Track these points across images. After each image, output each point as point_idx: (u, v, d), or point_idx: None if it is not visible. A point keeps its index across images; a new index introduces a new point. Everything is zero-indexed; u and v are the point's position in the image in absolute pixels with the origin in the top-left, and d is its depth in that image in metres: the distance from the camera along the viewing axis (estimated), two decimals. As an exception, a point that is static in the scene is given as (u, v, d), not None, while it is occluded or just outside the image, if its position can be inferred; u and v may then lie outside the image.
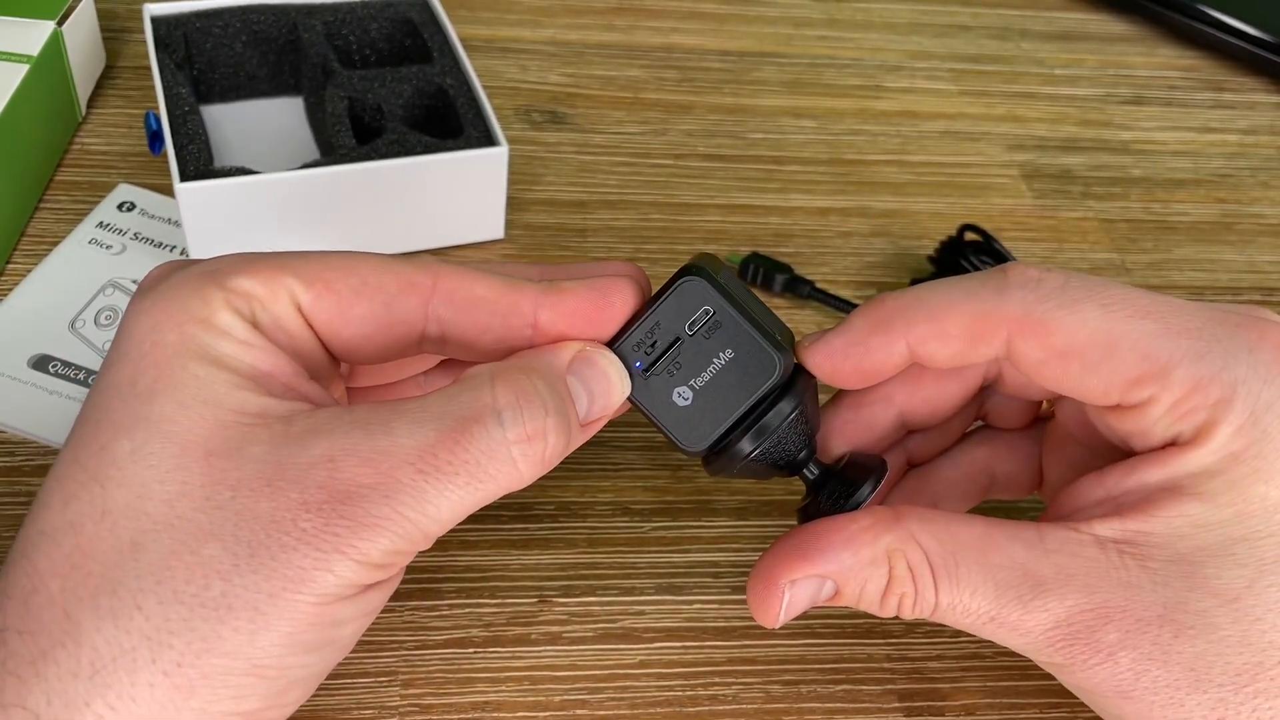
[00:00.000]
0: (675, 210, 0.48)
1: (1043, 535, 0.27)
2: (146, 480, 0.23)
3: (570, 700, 0.32)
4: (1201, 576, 0.26)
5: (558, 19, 0.58)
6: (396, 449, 0.23)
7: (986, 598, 0.26)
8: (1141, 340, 0.26)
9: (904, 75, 0.58)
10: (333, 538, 0.23)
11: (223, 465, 0.23)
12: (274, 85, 0.49)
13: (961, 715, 0.32)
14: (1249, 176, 0.55)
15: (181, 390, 0.24)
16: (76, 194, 0.44)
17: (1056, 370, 0.27)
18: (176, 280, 0.26)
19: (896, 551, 0.27)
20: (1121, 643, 0.26)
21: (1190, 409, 0.26)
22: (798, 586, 0.27)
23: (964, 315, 0.27)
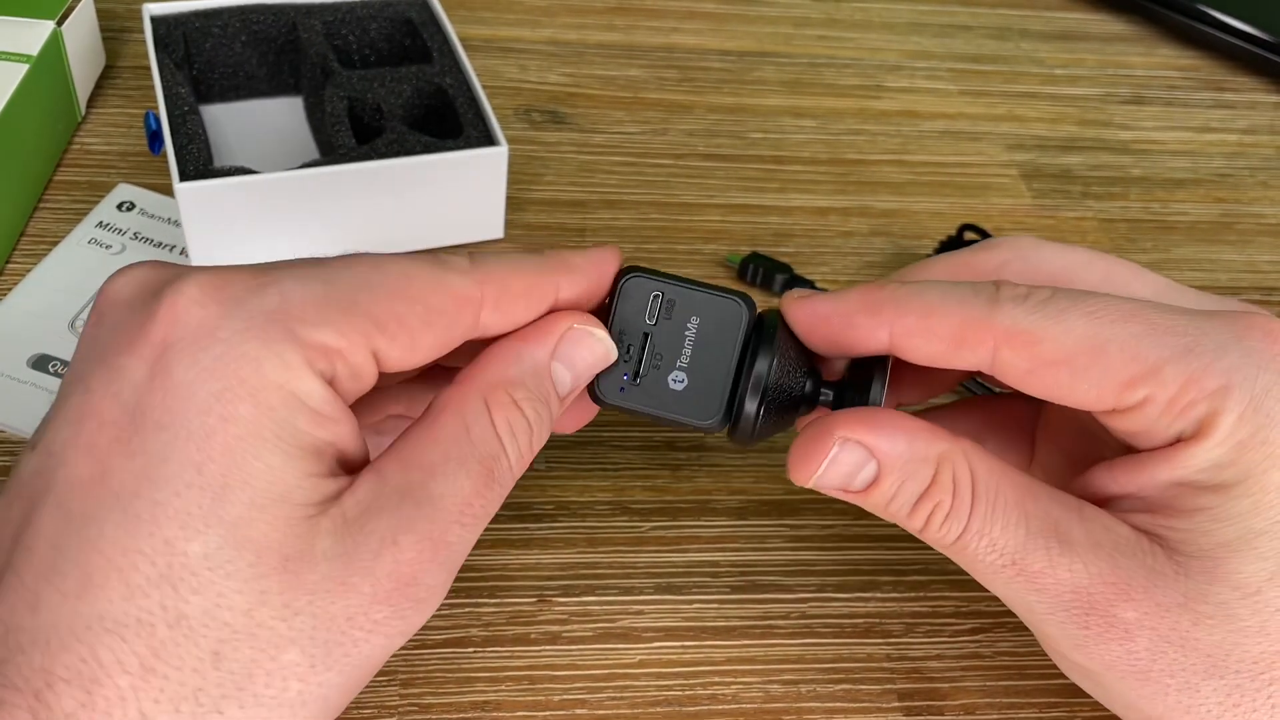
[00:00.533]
0: (675, 210, 0.48)
1: (1082, 506, 0.27)
2: (224, 590, 0.23)
3: (569, 700, 0.32)
4: (1223, 571, 0.26)
5: (557, 19, 0.58)
6: (442, 513, 0.25)
7: (1016, 537, 0.26)
8: (1129, 342, 0.26)
9: (904, 75, 0.58)
10: (399, 620, 0.24)
11: (297, 569, 0.23)
12: (273, 85, 0.49)
13: (961, 715, 0.32)
14: (1248, 176, 0.55)
15: (254, 487, 0.23)
16: (76, 194, 0.44)
17: (1046, 379, 0.27)
18: (244, 329, 0.23)
19: (946, 460, 0.27)
20: (1140, 622, 0.26)
21: (1188, 403, 0.26)
22: (847, 448, 0.27)
23: (953, 319, 0.27)
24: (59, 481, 0.23)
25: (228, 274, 0.25)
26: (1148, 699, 0.26)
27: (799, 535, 0.36)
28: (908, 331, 0.27)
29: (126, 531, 0.22)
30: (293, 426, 0.23)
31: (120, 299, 0.25)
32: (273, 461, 0.23)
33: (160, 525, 0.22)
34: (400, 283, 0.25)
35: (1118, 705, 0.28)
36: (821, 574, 0.35)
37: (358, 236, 0.42)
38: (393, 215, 0.42)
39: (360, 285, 0.25)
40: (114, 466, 0.23)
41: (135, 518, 0.22)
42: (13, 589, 0.22)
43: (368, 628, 0.24)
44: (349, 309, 0.24)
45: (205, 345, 0.23)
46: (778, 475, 0.38)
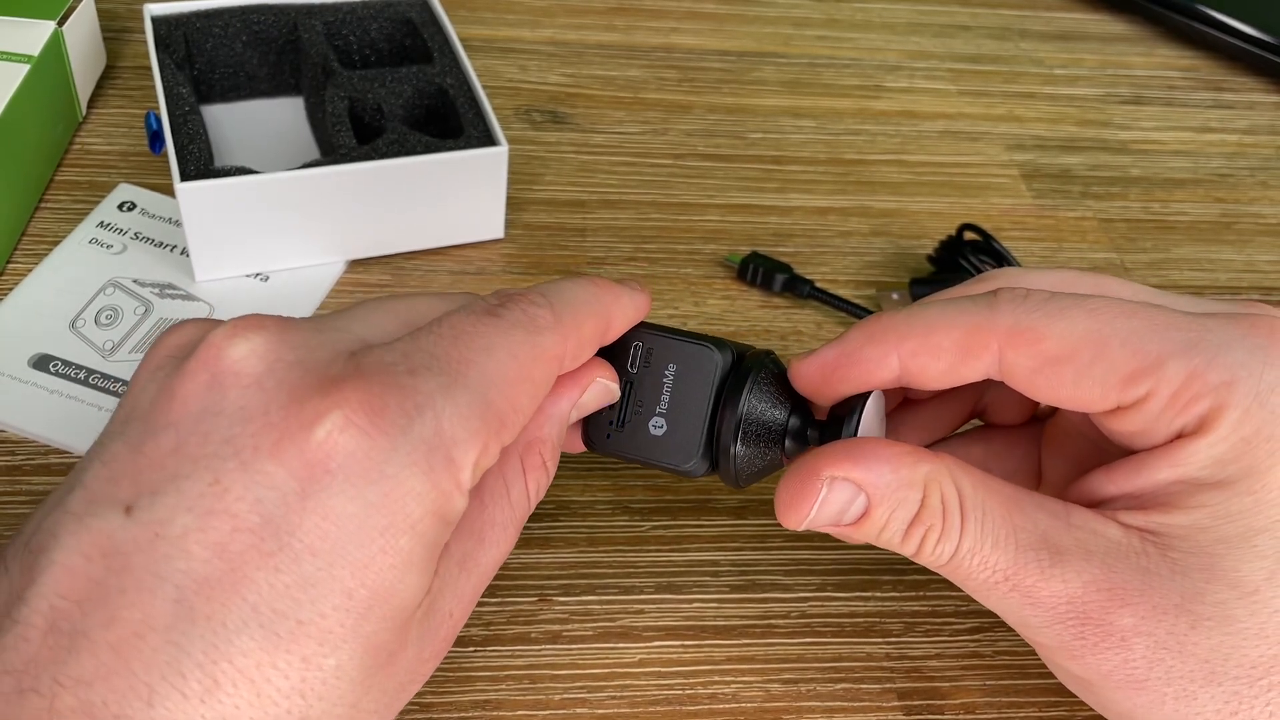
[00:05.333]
0: (675, 210, 0.48)
1: (1069, 511, 0.27)
2: (344, 691, 0.23)
3: (570, 699, 0.32)
4: (1221, 569, 0.25)
5: (557, 19, 0.58)
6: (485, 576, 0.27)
7: (1007, 553, 0.26)
8: (1131, 337, 0.26)
9: (903, 75, 0.58)
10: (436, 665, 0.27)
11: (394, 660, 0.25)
12: (274, 85, 0.49)
13: (961, 714, 0.33)
14: (1248, 176, 0.55)
15: (392, 604, 0.24)
16: (77, 193, 0.44)
17: (1050, 379, 0.27)
18: (409, 464, 0.23)
19: (933, 482, 0.26)
20: (1136, 629, 0.25)
21: (1191, 398, 0.26)
22: (835, 486, 0.27)
23: (956, 330, 0.27)
24: (176, 573, 0.22)
25: (385, 390, 0.24)
26: (1144, 709, 0.26)
27: (799, 534, 0.36)
28: (913, 352, 0.27)
29: (262, 647, 0.22)
30: (437, 548, 0.25)
31: (247, 374, 0.24)
32: (412, 581, 0.24)
33: (299, 643, 0.22)
34: (510, 365, 0.26)
35: (1115, 715, 0.28)
36: (821, 573, 0.35)
37: (358, 236, 0.43)
38: (393, 215, 0.42)
39: (487, 381, 0.25)
40: (251, 577, 0.22)
41: (274, 635, 0.22)
42: (116, 674, 0.21)
43: (419, 681, 0.26)
44: (485, 413, 0.25)
45: (372, 480, 0.23)
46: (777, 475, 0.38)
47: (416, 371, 0.24)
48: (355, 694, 0.24)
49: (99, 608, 0.21)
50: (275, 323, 0.25)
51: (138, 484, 0.23)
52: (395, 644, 0.24)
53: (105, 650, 0.21)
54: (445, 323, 0.26)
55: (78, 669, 0.21)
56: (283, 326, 0.25)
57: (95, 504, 0.23)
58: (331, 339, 0.25)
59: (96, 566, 0.22)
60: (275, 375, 0.24)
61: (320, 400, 0.23)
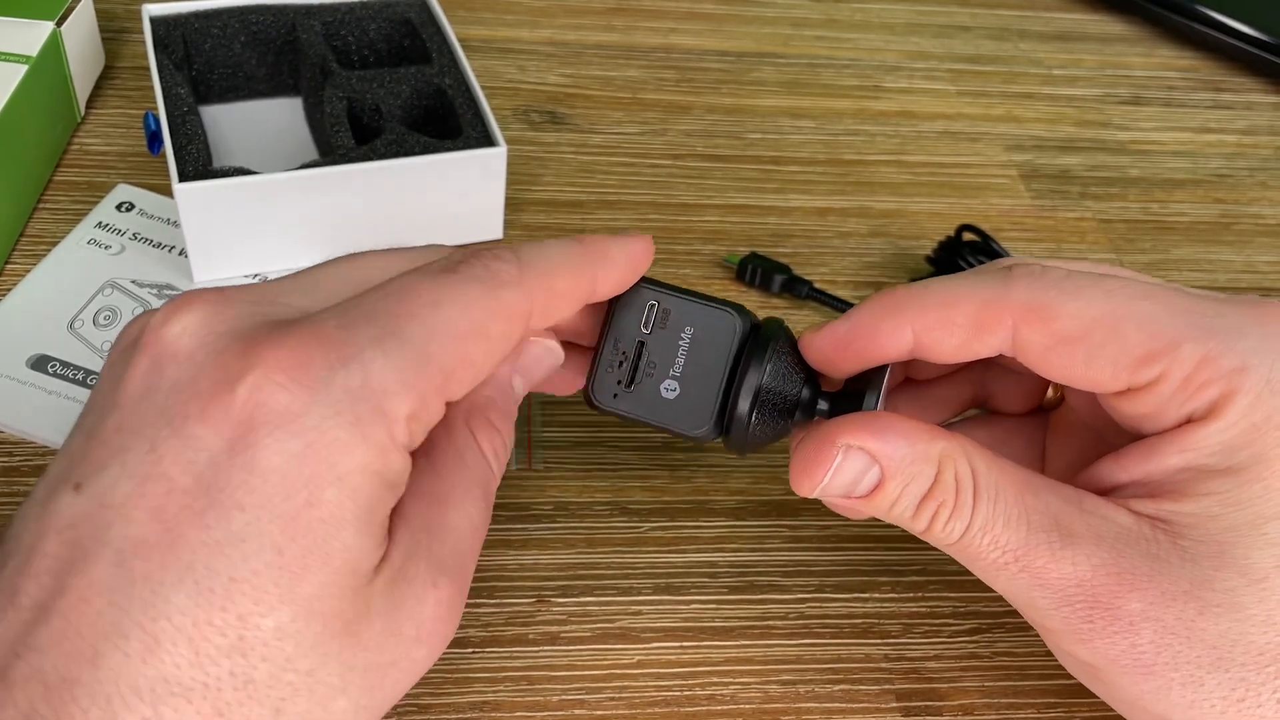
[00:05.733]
0: (674, 210, 0.48)
1: (1081, 496, 0.27)
2: (290, 655, 0.23)
3: (568, 700, 0.32)
4: (1231, 556, 0.25)
5: (556, 19, 0.58)
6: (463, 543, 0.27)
7: (1018, 533, 0.26)
8: (1147, 320, 0.26)
9: (902, 75, 0.58)
10: (429, 652, 0.26)
11: (357, 630, 0.24)
12: (273, 86, 0.49)
13: (959, 715, 0.33)
14: (1247, 177, 0.55)
15: (331, 566, 0.23)
16: (75, 194, 0.44)
17: (1063, 357, 0.27)
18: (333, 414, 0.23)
19: (948, 459, 0.27)
20: (1144, 614, 0.25)
21: (1203, 382, 0.26)
22: (850, 455, 0.27)
23: (971, 303, 0.27)
24: (117, 538, 0.22)
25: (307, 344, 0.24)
26: (1151, 694, 0.26)
27: (797, 536, 0.36)
28: (929, 326, 0.28)
29: (197, 603, 0.22)
30: (371, 505, 0.24)
31: (181, 351, 0.24)
32: (349, 540, 0.24)
33: (234, 600, 0.22)
34: (461, 319, 0.25)
35: (1121, 702, 0.28)
36: (820, 574, 0.35)
37: (357, 237, 0.43)
38: (392, 216, 0.42)
39: (428, 333, 0.25)
40: (185, 536, 0.22)
41: (208, 591, 0.22)
42: (65, 638, 0.22)
43: (406, 667, 0.25)
44: (423, 366, 0.24)
45: (295, 432, 0.23)
46: (776, 476, 0.38)
47: (349, 326, 0.24)
48: (308, 661, 0.23)
49: (55, 580, 0.22)
50: (210, 297, 0.25)
51: (86, 463, 0.24)
52: (350, 612, 0.24)
53: (57, 618, 0.22)
54: (395, 281, 0.26)
55: (34, 639, 0.22)
56: (218, 300, 0.25)
57: (53, 488, 0.24)
58: (265, 310, 0.25)
59: (53, 543, 0.23)
60: (205, 347, 0.24)
61: (241, 361, 0.23)
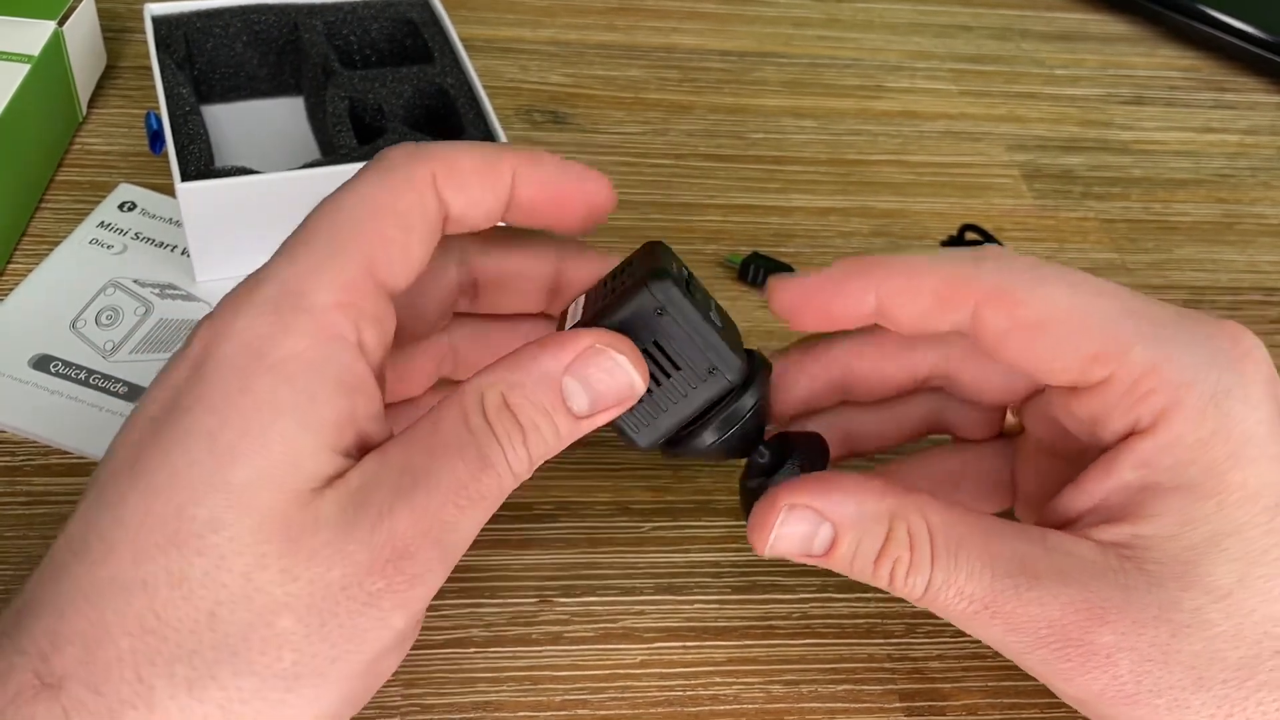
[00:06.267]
0: (676, 210, 0.48)
1: (1045, 535, 0.27)
2: (225, 551, 0.23)
3: (571, 700, 0.32)
4: (1194, 575, 0.26)
5: (558, 19, 0.58)
6: (437, 491, 0.24)
7: (983, 582, 0.26)
8: (1105, 318, 0.27)
9: (904, 75, 0.58)
10: (393, 594, 0.24)
11: (298, 535, 0.23)
12: (275, 85, 0.49)
13: (963, 715, 0.32)
14: (1250, 176, 0.55)
15: (266, 455, 0.24)
16: (77, 194, 0.44)
17: (1020, 342, 0.27)
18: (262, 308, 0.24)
19: (899, 516, 0.27)
20: (1118, 645, 0.26)
21: (1148, 390, 0.26)
22: (796, 514, 0.27)
23: (938, 276, 0.28)
24: (99, 476, 0.25)
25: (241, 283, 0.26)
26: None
27: (800, 535, 0.36)
28: (894, 290, 0.28)
29: (145, 501, 0.23)
30: (310, 396, 0.24)
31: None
32: (287, 430, 0.24)
33: (175, 493, 0.23)
34: (364, 207, 0.26)
35: None
36: (823, 574, 0.35)
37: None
38: (394, 215, 0.42)
39: (334, 230, 0.26)
40: (144, 453, 0.24)
41: (153, 489, 0.23)
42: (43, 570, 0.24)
43: (362, 599, 0.24)
44: (336, 256, 0.25)
45: (226, 336, 0.24)
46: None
47: (271, 261, 0.26)
48: (243, 560, 0.23)
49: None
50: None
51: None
52: (292, 514, 0.23)
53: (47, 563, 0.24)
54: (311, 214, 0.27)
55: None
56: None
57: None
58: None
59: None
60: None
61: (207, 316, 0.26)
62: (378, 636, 0.24)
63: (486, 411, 0.25)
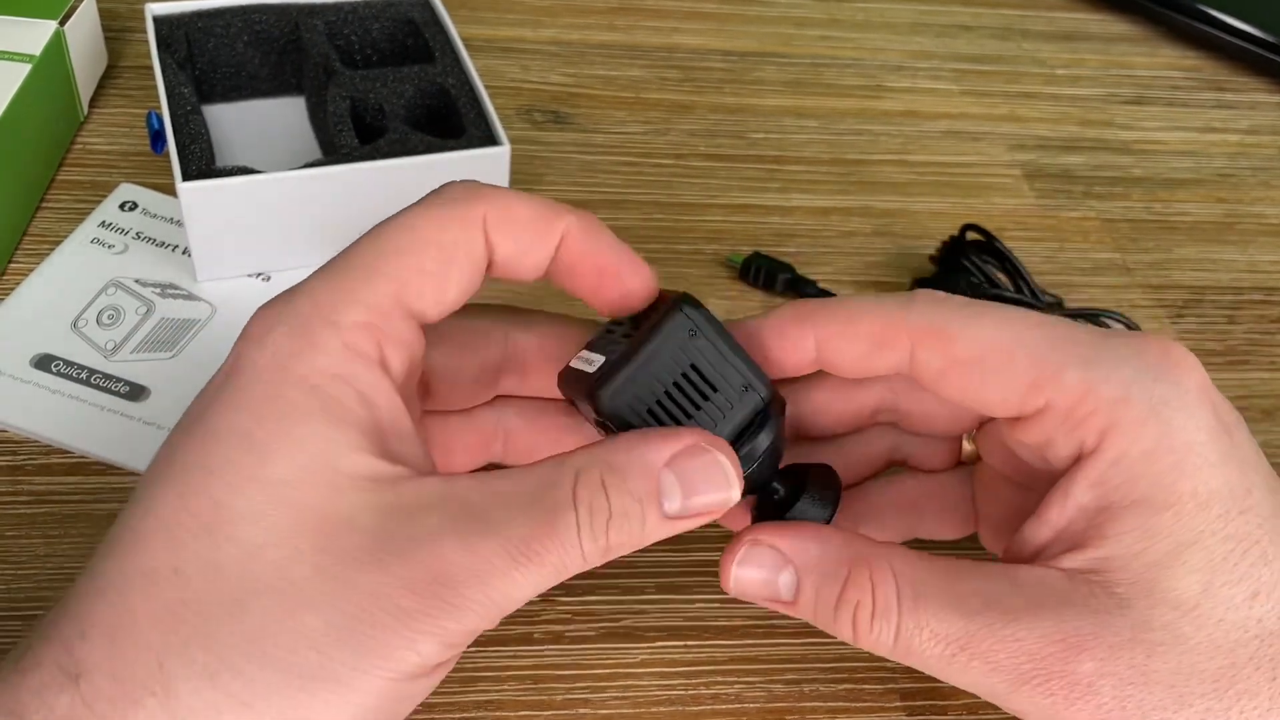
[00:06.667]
0: (677, 210, 0.48)
1: (1014, 571, 0.27)
2: (260, 543, 0.23)
3: (572, 699, 0.32)
4: (1160, 591, 0.26)
5: (559, 19, 0.58)
6: (494, 535, 0.24)
7: (956, 623, 0.26)
8: (1035, 348, 0.27)
9: (905, 75, 0.58)
10: (426, 618, 0.23)
11: (333, 533, 0.23)
12: (276, 85, 0.49)
13: (963, 714, 0.33)
14: (1250, 176, 0.55)
15: (301, 453, 0.24)
16: (78, 193, 0.44)
17: (958, 379, 0.28)
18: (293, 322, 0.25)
19: (861, 560, 0.27)
20: (1099, 671, 0.25)
21: (1087, 413, 0.26)
22: (756, 549, 0.28)
23: (873, 320, 0.28)
24: (140, 482, 0.25)
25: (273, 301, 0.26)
26: None
27: (801, 535, 0.36)
28: (830, 336, 0.29)
29: (179, 495, 0.24)
30: (340, 403, 0.24)
31: None
32: (319, 430, 0.24)
33: (210, 487, 0.23)
34: (407, 235, 0.26)
35: None
36: (824, 573, 0.35)
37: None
38: (395, 215, 0.42)
39: (373, 255, 0.26)
40: (177, 453, 0.24)
41: (188, 484, 0.24)
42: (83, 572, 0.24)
43: (393, 613, 0.23)
44: (368, 279, 0.25)
45: (259, 348, 0.25)
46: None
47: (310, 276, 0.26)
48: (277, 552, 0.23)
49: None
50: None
51: None
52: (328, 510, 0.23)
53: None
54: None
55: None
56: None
57: None
58: None
59: None
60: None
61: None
62: (403, 659, 0.23)
63: (577, 485, 0.25)
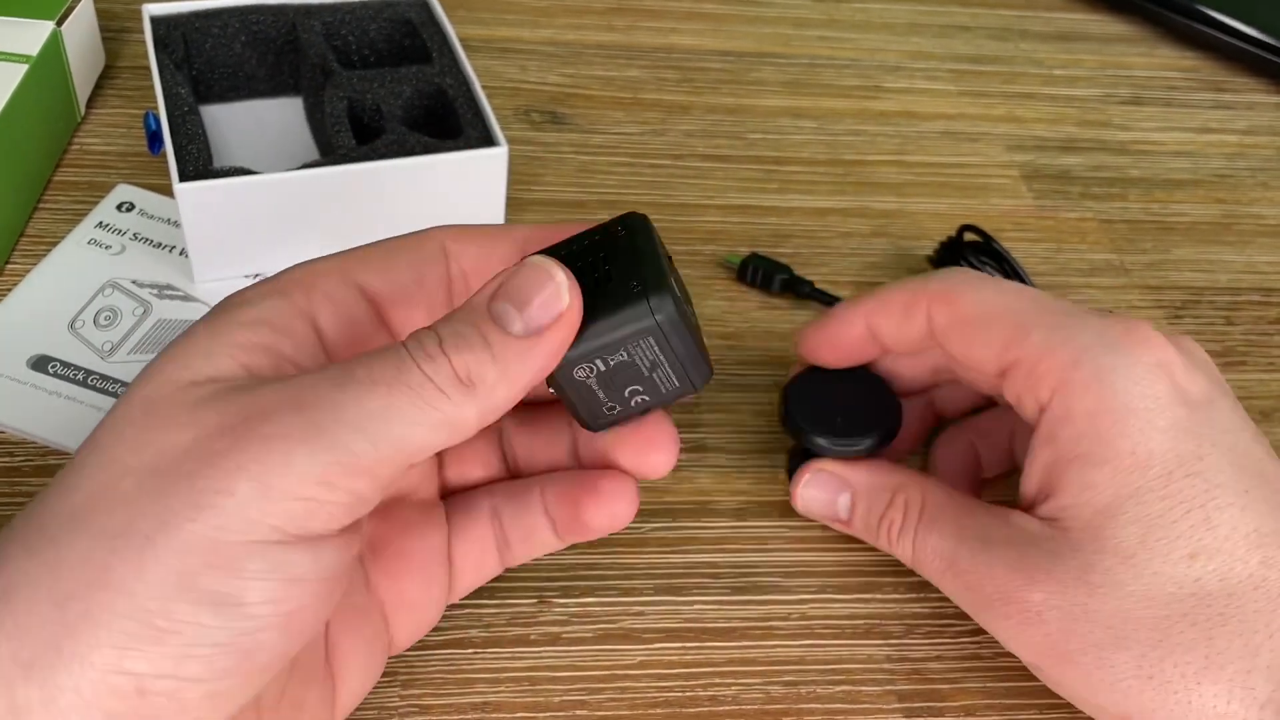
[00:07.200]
0: (674, 210, 0.48)
1: (1008, 514, 0.31)
2: (100, 438, 0.24)
3: (570, 701, 0.32)
4: (1103, 539, 0.28)
5: (557, 19, 0.58)
6: (318, 381, 0.23)
7: (949, 544, 0.31)
8: (1017, 311, 0.31)
9: (903, 76, 0.58)
10: (239, 455, 0.22)
11: (161, 411, 0.24)
12: (273, 85, 0.49)
13: (961, 716, 0.33)
14: (1248, 177, 0.55)
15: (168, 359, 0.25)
16: (75, 194, 0.44)
17: (958, 334, 0.32)
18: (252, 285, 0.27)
19: (901, 489, 0.33)
20: (1046, 602, 0.29)
21: (1044, 371, 0.30)
22: (820, 475, 0.34)
23: (900, 293, 0.34)
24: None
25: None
26: (1079, 683, 0.29)
27: (799, 536, 0.36)
28: (873, 312, 0.34)
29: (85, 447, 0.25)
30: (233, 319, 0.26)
31: None
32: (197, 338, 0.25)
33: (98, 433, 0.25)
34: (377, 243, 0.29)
35: (1075, 700, 0.30)
36: (822, 575, 0.35)
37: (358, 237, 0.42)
38: (392, 216, 0.42)
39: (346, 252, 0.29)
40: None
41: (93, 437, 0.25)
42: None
43: (203, 457, 0.22)
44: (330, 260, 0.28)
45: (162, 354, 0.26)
46: (778, 477, 0.38)
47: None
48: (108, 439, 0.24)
49: None
50: None
51: None
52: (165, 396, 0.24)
53: None
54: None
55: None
56: None
57: None
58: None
59: None
60: None
61: None
62: (214, 504, 0.21)
63: (407, 344, 0.24)
